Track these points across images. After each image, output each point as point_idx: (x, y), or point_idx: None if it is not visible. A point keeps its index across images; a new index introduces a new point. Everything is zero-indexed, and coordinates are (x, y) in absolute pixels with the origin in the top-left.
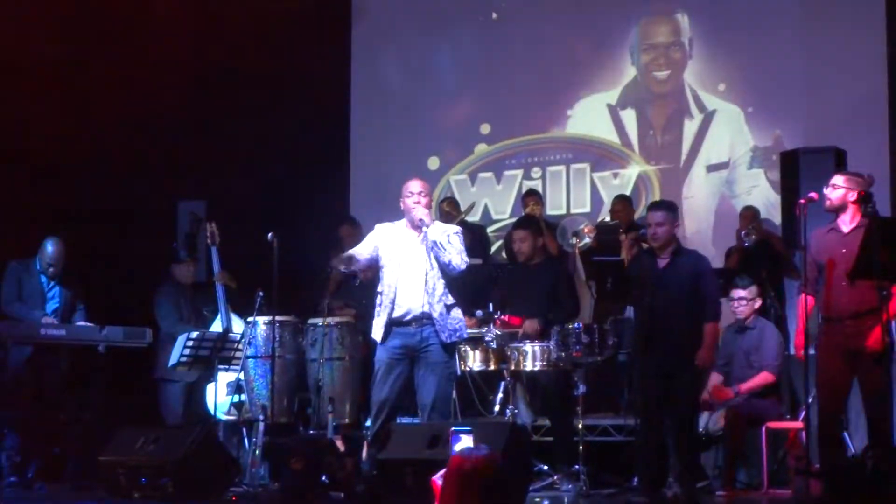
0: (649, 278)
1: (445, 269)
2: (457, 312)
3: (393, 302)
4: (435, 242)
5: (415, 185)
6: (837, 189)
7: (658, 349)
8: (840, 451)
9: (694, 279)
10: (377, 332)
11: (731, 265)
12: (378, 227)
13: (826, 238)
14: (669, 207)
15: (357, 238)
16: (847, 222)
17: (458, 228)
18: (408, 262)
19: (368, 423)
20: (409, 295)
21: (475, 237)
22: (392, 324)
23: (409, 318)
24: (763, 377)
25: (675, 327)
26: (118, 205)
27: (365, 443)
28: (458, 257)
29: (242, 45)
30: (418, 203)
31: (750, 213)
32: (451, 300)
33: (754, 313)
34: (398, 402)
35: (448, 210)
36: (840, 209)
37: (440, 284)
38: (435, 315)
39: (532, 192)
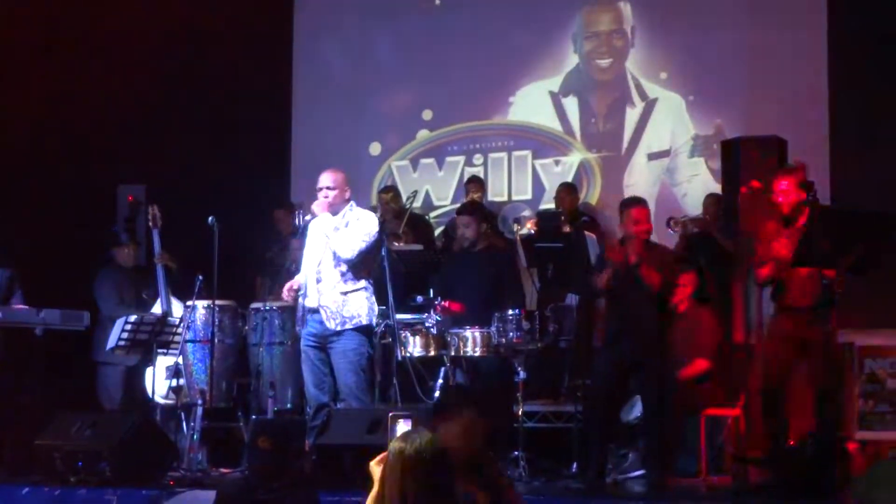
0: (622, 271)
1: (338, 257)
2: (358, 299)
3: (305, 290)
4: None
5: (322, 179)
6: (790, 195)
7: (627, 340)
8: (784, 429)
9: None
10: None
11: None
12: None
13: (784, 230)
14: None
15: (290, 223)
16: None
17: (365, 215)
18: (310, 254)
19: (309, 409)
20: (309, 285)
21: (417, 225)
22: (306, 311)
23: (312, 306)
24: (698, 364)
25: (645, 318)
26: (56, 188)
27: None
28: (343, 246)
29: (183, 30)
30: (325, 197)
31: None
32: (350, 287)
33: (689, 300)
34: (324, 389)
35: (389, 202)
36: (797, 212)
37: (334, 273)
38: (325, 302)
39: (474, 179)
